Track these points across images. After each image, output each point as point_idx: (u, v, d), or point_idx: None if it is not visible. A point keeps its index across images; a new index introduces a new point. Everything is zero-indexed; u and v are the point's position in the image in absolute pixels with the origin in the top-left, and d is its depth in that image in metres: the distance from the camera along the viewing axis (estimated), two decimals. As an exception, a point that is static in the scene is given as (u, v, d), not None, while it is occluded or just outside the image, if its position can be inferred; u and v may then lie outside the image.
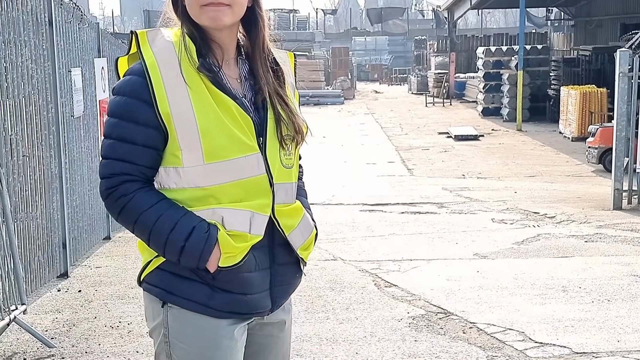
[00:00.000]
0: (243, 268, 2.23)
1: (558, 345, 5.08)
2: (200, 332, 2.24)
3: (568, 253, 8.13)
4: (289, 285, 2.39)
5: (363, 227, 9.98)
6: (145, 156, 2.19)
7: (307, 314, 5.91)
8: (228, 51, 2.29)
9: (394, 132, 24.90)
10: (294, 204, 2.36)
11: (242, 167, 2.20)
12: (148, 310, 2.33)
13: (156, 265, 2.27)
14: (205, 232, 2.17)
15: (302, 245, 2.37)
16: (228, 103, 2.19)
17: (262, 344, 2.41)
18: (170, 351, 2.27)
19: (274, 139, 2.27)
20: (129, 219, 2.22)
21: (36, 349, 5.14)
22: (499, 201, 12.15)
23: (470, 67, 36.83)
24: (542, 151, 19.55)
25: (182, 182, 2.21)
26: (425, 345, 5.12)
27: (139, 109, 2.17)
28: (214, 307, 2.23)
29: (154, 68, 2.17)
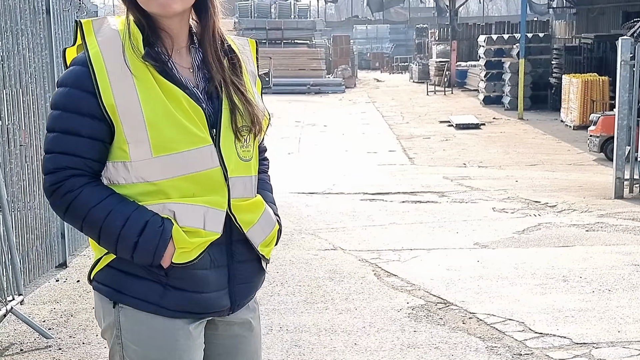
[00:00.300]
0: (197, 265, 2.13)
1: (558, 335, 5.05)
2: (153, 333, 2.15)
3: (569, 242, 8.09)
4: (251, 284, 2.28)
5: (363, 216, 9.94)
6: (91, 149, 2.09)
7: (306, 304, 5.88)
8: (179, 39, 2.18)
9: (395, 120, 24.84)
10: (253, 199, 2.25)
11: (194, 160, 2.10)
12: (98, 310, 2.23)
13: (106, 262, 2.17)
14: (159, 227, 2.07)
15: (262, 242, 2.27)
16: (176, 93, 2.09)
17: (228, 345, 2.32)
18: (124, 353, 2.17)
19: (229, 131, 2.17)
20: (76, 217, 2.11)
21: (33, 340, 5.11)
22: (500, 190, 12.11)
23: (471, 56, 36.71)
24: (543, 140, 19.50)
25: (130, 177, 2.11)
26: (425, 336, 5.10)
27: (83, 99, 2.07)
28: (167, 307, 2.14)
29: (97, 57, 2.08)
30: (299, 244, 8.10)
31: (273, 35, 41.38)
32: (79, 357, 4.79)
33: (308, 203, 10.95)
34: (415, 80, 41.92)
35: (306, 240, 8.33)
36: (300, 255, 7.53)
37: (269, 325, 5.37)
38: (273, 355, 4.79)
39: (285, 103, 30.32)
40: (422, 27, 52.62)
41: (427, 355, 4.73)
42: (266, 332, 5.21)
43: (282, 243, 8.14)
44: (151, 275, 2.12)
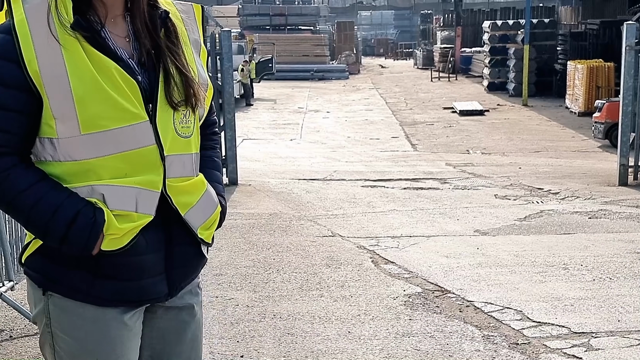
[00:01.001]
0: (130, 252, 1.99)
1: (556, 324, 4.95)
2: (84, 323, 2.03)
3: (571, 230, 8.00)
4: (191, 267, 2.15)
5: (364, 202, 9.86)
6: (19, 123, 1.92)
7: (300, 291, 5.80)
8: (114, 7, 2.01)
9: (398, 107, 24.74)
10: (193, 179, 2.11)
11: (126, 138, 1.95)
12: (30, 296, 2.11)
13: (35, 247, 2.03)
14: (90, 218, 1.93)
15: (202, 225, 2.13)
16: (108, 65, 1.93)
17: (167, 329, 2.18)
18: (54, 342, 2.06)
19: (166, 105, 2.01)
20: (2, 199, 1.95)
21: (23, 326, 5.05)
22: (503, 177, 12.03)
23: (476, 42, 36.55)
24: (547, 126, 19.40)
25: (57, 155, 1.96)
26: (420, 324, 5.01)
27: (7, 70, 1.90)
28: (98, 295, 2.01)
29: (22, 26, 1.91)
30: (297, 230, 8.02)
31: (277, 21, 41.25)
32: (69, 345, 4.72)
33: (308, 189, 10.87)
34: (419, 67, 41.80)
35: (305, 226, 8.25)
36: (298, 242, 7.45)
37: (262, 312, 5.29)
38: (265, 342, 4.71)
39: (289, 89, 30.23)
40: (426, 13, 52.42)
41: (422, 344, 4.64)
42: (259, 320, 5.13)
43: (280, 229, 8.09)
44: (81, 264, 2.00)
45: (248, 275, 6.18)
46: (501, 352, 4.50)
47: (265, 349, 4.60)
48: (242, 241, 7.36)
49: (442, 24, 41.84)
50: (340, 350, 4.56)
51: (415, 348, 4.58)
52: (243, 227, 7.91)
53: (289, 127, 19.85)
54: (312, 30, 41.17)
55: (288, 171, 12.96)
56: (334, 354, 4.51)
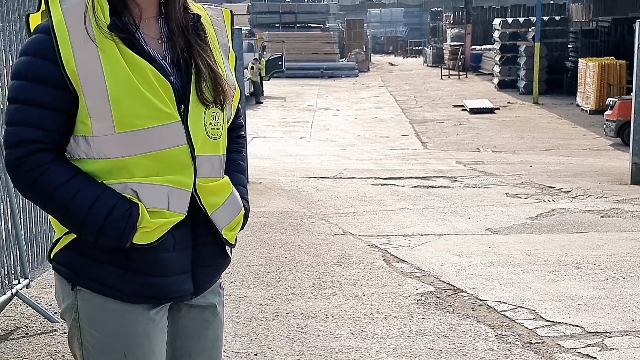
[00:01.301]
0: (160, 248, 2.03)
1: (570, 324, 4.95)
2: (111, 318, 2.06)
3: (583, 229, 7.98)
4: (215, 267, 2.19)
5: (374, 201, 9.87)
6: (56, 120, 1.97)
7: (313, 289, 5.81)
8: (148, 9, 2.05)
9: (408, 105, 24.72)
10: (220, 180, 2.15)
11: (159, 137, 1.99)
12: (58, 291, 2.14)
13: (65, 242, 2.07)
14: (127, 210, 1.97)
15: (227, 226, 2.16)
16: (143, 66, 1.97)
17: (190, 328, 2.22)
18: (82, 337, 2.09)
19: (198, 106, 2.05)
20: (40, 194, 1.99)
21: (39, 324, 5.07)
22: (513, 175, 12.02)
23: (486, 39, 36.47)
24: (558, 124, 19.35)
25: (91, 153, 2.00)
26: (433, 323, 5.01)
27: (46, 68, 1.95)
28: (126, 291, 2.04)
29: (60, 26, 1.95)
30: (309, 229, 8.03)
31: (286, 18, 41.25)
32: (84, 342, 4.74)
33: (319, 187, 10.88)
34: (429, 64, 41.73)
35: (316, 224, 8.26)
36: (310, 240, 7.46)
37: (275, 311, 5.30)
38: (278, 341, 4.72)
39: (298, 87, 30.24)
40: (436, 10, 52.33)
41: (435, 343, 4.64)
42: (272, 318, 5.14)
43: (291, 227, 8.10)
44: (110, 258, 2.03)
45: (260, 274, 6.20)
46: (515, 352, 4.50)
47: (279, 347, 4.61)
48: (254, 239, 7.38)
49: (452, 22, 41.77)
50: (353, 349, 4.57)
51: (428, 347, 4.58)
52: (254, 225, 7.93)
53: (299, 125, 19.86)
54: (322, 28, 41.16)
55: (298, 169, 12.97)
56: (347, 353, 4.52)
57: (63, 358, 4.52)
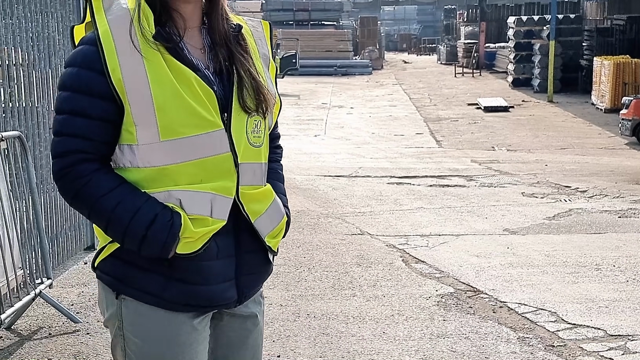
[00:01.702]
0: (203, 256, 2.05)
1: (592, 326, 4.95)
2: (155, 326, 2.08)
3: (601, 229, 7.97)
4: (258, 275, 2.20)
5: (390, 200, 9.87)
6: (101, 131, 2.01)
7: (333, 290, 5.83)
8: (191, 20, 2.09)
9: (422, 103, 24.67)
10: (262, 187, 2.18)
11: (203, 145, 2.02)
12: (101, 299, 2.17)
13: (110, 251, 2.10)
14: (168, 220, 2.00)
15: (270, 233, 2.18)
16: (187, 75, 2.01)
17: (233, 337, 2.24)
18: (125, 345, 2.11)
19: (240, 114, 2.08)
20: (84, 203, 2.04)
21: (61, 324, 5.11)
22: (529, 174, 11.98)
23: (500, 37, 36.34)
24: (573, 123, 19.27)
25: (136, 161, 2.03)
26: (454, 325, 5.03)
27: (92, 79, 1.99)
28: (169, 299, 2.06)
29: (106, 36, 2.00)
30: (326, 228, 8.05)
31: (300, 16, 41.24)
32: (107, 342, 4.76)
33: (334, 186, 10.89)
34: (443, 62, 41.62)
35: (333, 224, 8.28)
36: (327, 240, 7.48)
37: (296, 312, 5.33)
38: (300, 343, 4.75)
39: (312, 85, 30.24)
40: (450, 8, 52.18)
41: (457, 346, 4.66)
42: (293, 319, 5.17)
43: (309, 227, 8.11)
44: (154, 267, 2.05)
45: (280, 274, 6.22)
46: (537, 355, 4.51)
47: (301, 349, 4.64)
48: (273, 239, 7.39)
49: (466, 19, 41.66)
50: (376, 351, 4.59)
51: (451, 349, 4.59)
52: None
53: (313, 123, 19.84)
54: (336, 26, 41.14)
55: (313, 167, 12.97)
56: (369, 355, 4.54)
57: (87, 358, 4.55)
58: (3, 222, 4.82)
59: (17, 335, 4.94)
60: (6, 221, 4.87)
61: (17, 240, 5.04)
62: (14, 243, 4.96)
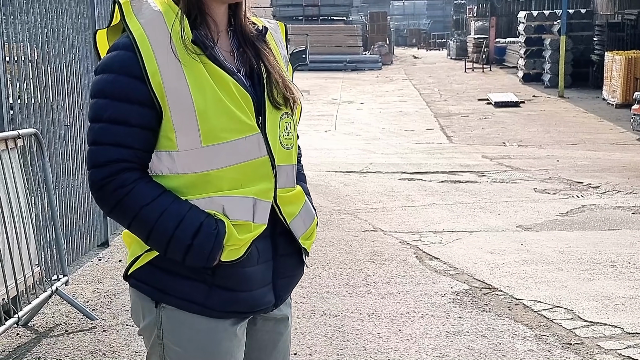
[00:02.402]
0: (245, 262, 2.03)
1: (609, 324, 4.94)
2: (197, 335, 2.05)
3: (615, 225, 7.94)
4: (292, 277, 2.20)
5: (402, 196, 9.85)
6: (141, 139, 1.97)
7: (347, 287, 5.83)
8: (221, 23, 2.08)
9: (432, 98, 24.63)
10: (295, 189, 2.17)
11: (242, 149, 2.00)
12: (137, 308, 2.13)
13: (147, 260, 2.06)
14: (214, 229, 1.96)
15: (304, 234, 2.17)
16: (226, 80, 1.99)
17: (265, 340, 2.23)
18: (164, 354, 2.08)
19: (272, 115, 2.07)
20: (126, 214, 1.99)
21: (77, 321, 5.13)
22: (541, 170, 11.94)
23: (510, 32, 36.24)
24: (585, 118, 19.20)
25: (175, 168, 1.99)
26: (470, 323, 5.02)
27: (131, 86, 1.94)
28: (213, 307, 2.04)
29: (143, 41, 1.95)
30: (339, 225, 8.04)
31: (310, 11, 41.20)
32: (123, 339, 4.79)
33: (346, 182, 10.88)
34: (452, 57, 41.53)
35: (345, 220, 8.27)
36: (340, 237, 7.48)
37: (311, 309, 5.33)
38: (317, 340, 4.75)
39: (322, 80, 30.21)
40: (460, 2, 52.02)
41: (474, 343, 4.65)
42: (309, 317, 5.17)
43: (321, 223, 8.10)
44: (196, 275, 2.03)
45: (294, 271, 6.21)
46: (555, 353, 4.49)
47: (318, 347, 4.64)
48: (286, 236, 7.39)
49: (475, 14, 41.56)
50: (392, 349, 4.59)
51: (467, 347, 4.59)
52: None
53: (324, 119, 19.82)
54: (345, 21, 41.08)
55: (324, 163, 12.96)
56: (386, 353, 4.54)
57: (104, 356, 4.56)
58: (19, 219, 4.84)
59: (33, 332, 4.96)
60: (22, 218, 4.89)
61: (33, 238, 5.06)
62: (30, 240, 4.97)
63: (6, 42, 5.27)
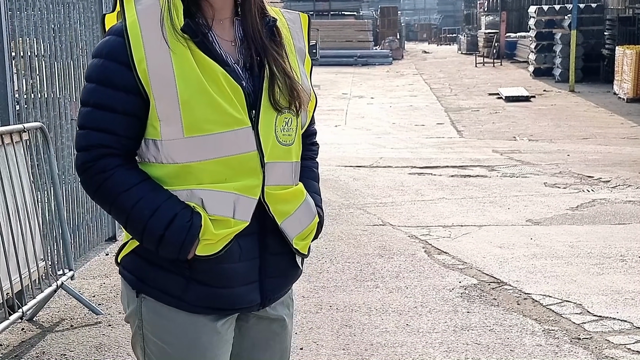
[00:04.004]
0: (224, 258, 1.98)
1: (618, 319, 4.89)
2: (175, 328, 2.02)
3: (625, 220, 7.87)
4: (285, 278, 2.12)
5: (412, 190, 9.81)
6: (126, 125, 1.95)
7: (355, 282, 5.80)
8: (222, 10, 2.01)
9: (443, 93, 24.55)
10: (292, 187, 2.09)
11: (228, 143, 1.95)
12: (123, 296, 2.12)
13: (131, 248, 2.05)
14: (187, 221, 1.93)
15: (298, 235, 2.09)
16: (214, 69, 1.93)
17: (258, 339, 2.18)
18: (144, 345, 2.06)
19: (269, 111, 2.00)
20: (106, 199, 1.98)
21: (83, 316, 5.11)
22: (551, 164, 11.87)
23: (521, 27, 36.09)
24: (595, 113, 19.09)
25: (160, 157, 1.97)
26: (479, 317, 4.97)
27: (117, 72, 1.93)
28: (189, 302, 2.00)
29: (134, 27, 1.93)
30: (347, 219, 8.01)
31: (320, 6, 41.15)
32: (128, 334, 4.75)
33: (355, 176, 10.84)
34: (463, 52, 41.41)
35: (354, 215, 8.24)
36: (349, 231, 7.45)
37: (318, 303, 5.30)
38: (323, 335, 4.72)
39: (332, 75, 30.17)
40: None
41: (482, 338, 4.61)
42: (316, 311, 5.14)
43: (330, 217, 8.07)
44: (175, 267, 2.00)
45: (301, 265, 6.18)
46: (564, 347, 4.45)
47: (324, 341, 4.60)
48: (294, 230, 7.36)
49: (486, 9, 41.43)
50: (399, 344, 4.55)
51: (475, 342, 4.55)
52: (294, 216, 7.90)
53: (334, 113, 19.77)
54: (356, 16, 41.03)
55: (334, 157, 12.92)
56: (393, 347, 4.50)
57: (109, 350, 4.55)
58: (25, 213, 4.82)
59: (38, 327, 4.95)
60: (28, 212, 4.87)
61: (38, 232, 5.05)
62: (35, 234, 4.96)
63: (12, 37, 5.26)
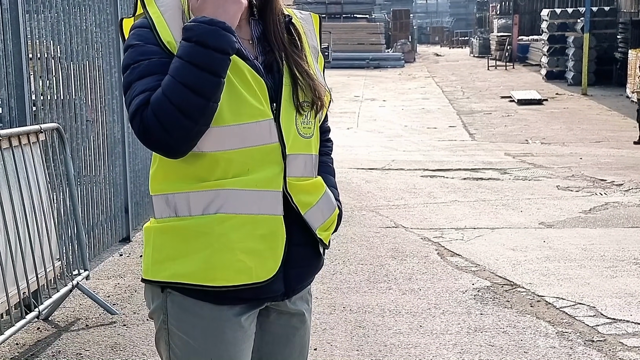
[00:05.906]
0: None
1: (632, 322, 4.88)
2: (200, 322, 2.05)
3: (638, 223, 7.86)
4: (307, 268, 2.15)
5: (424, 193, 9.82)
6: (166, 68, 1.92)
7: (368, 283, 5.81)
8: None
9: (455, 95, 24.55)
10: (313, 179, 2.13)
11: (251, 133, 1.98)
12: (147, 292, 2.14)
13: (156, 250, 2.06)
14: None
15: (321, 226, 2.13)
16: (239, 63, 1.98)
17: (278, 334, 2.20)
18: (169, 339, 2.08)
19: (290, 105, 2.05)
20: (164, 110, 1.88)
21: (98, 315, 5.15)
22: (564, 167, 11.86)
23: (534, 30, 36.04)
24: (608, 116, 19.05)
25: None
26: (492, 319, 4.98)
27: (153, 49, 1.95)
28: (215, 293, 2.02)
29: (159, 18, 1.99)
30: (360, 221, 8.03)
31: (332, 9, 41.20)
32: (144, 334, 4.80)
33: (367, 179, 10.86)
34: (475, 55, 41.38)
35: (367, 217, 8.25)
36: (362, 233, 7.46)
37: (332, 304, 5.31)
38: (337, 335, 4.73)
39: (345, 77, 30.19)
40: (483, 0, 51.79)
41: (495, 340, 4.62)
42: (329, 312, 5.15)
43: (343, 220, 8.02)
44: None
45: (315, 267, 6.20)
46: (577, 350, 4.45)
47: (338, 342, 4.62)
48: (307, 232, 7.38)
49: (498, 12, 41.40)
50: (413, 345, 4.56)
51: (489, 344, 4.55)
52: (306, 218, 7.92)
53: (346, 116, 19.80)
54: (368, 19, 41.07)
55: (346, 160, 12.94)
56: (407, 349, 4.51)
57: (124, 350, 4.57)
58: (41, 213, 4.86)
59: (54, 326, 4.98)
60: (44, 212, 4.91)
61: (54, 232, 5.09)
62: (51, 235, 5.00)
63: (29, 39, 5.30)
